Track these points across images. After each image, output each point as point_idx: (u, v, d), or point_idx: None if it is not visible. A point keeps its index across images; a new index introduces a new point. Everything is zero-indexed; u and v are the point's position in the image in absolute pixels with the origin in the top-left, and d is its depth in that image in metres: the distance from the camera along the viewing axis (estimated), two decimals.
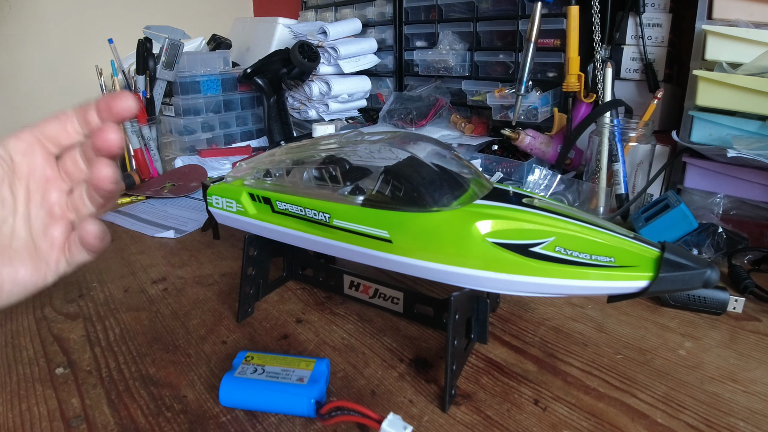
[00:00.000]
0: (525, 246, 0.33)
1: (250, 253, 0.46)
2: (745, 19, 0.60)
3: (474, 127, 0.94)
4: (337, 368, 0.40)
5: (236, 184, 0.45)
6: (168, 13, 1.51)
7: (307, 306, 0.50)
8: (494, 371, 0.40)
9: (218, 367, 0.40)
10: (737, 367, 0.39)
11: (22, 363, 0.41)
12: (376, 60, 1.15)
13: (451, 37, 0.98)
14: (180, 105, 1.02)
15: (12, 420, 0.35)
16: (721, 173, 0.63)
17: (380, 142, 0.41)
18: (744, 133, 0.59)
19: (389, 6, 1.10)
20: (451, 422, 0.34)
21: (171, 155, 1.06)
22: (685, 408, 0.35)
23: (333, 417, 0.33)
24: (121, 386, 0.38)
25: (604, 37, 0.74)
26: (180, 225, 0.72)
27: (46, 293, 0.53)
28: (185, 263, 0.60)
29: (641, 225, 0.58)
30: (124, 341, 0.44)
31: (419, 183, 0.36)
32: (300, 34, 1.15)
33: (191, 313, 0.49)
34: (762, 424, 0.34)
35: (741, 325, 0.45)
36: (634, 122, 0.68)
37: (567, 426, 0.34)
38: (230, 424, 0.34)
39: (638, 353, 0.41)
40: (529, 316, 0.47)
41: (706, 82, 0.59)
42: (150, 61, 0.95)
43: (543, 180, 0.72)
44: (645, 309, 0.48)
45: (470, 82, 0.97)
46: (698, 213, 0.59)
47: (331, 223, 0.39)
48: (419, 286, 0.51)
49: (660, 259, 0.31)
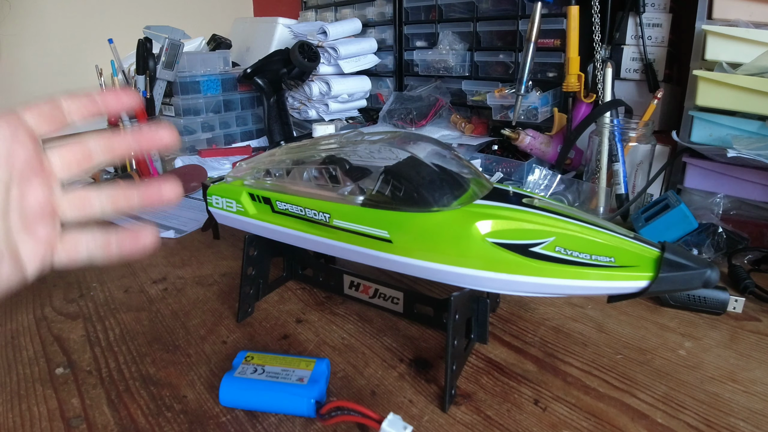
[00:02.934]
0: (525, 246, 0.33)
1: (250, 253, 0.46)
2: (745, 19, 0.60)
3: (474, 127, 0.94)
4: (337, 368, 0.40)
5: (236, 184, 0.45)
6: (168, 13, 1.51)
7: (307, 306, 0.50)
8: (494, 371, 0.40)
9: (218, 367, 0.40)
10: (737, 367, 0.39)
11: (22, 363, 0.41)
12: (376, 60, 1.15)
13: (451, 37, 0.98)
14: (180, 105, 1.02)
15: (12, 420, 0.35)
16: (721, 173, 0.63)
17: (380, 142, 0.41)
18: (744, 133, 0.59)
19: (389, 6, 1.10)
20: (451, 422, 0.34)
21: (171, 155, 1.06)
22: (685, 408, 0.35)
23: (333, 417, 0.33)
24: (121, 386, 0.38)
25: (604, 37, 0.74)
26: (180, 225, 0.72)
27: (46, 293, 0.53)
28: (185, 263, 0.60)
29: (641, 225, 0.58)
30: (124, 341, 0.44)
31: (419, 183, 0.36)
32: (300, 34, 1.15)
33: (191, 313, 0.49)
34: (762, 424, 0.34)
35: (741, 325, 0.45)
36: (634, 122, 0.68)
37: (567, 426, 0.34)
38: (230, 424, 0.34)
39: (638, 353, 0.41)
40: (529, 316, 0.47)
41: (706, 82, 0.59)
42: (150, 61, 0.95)
43: (543, 180, 0.72)
44: (645, 309, 0.48)
45: (470, 82, 0.97)
46: (698, 213, 0.59)
47: (331, 223, 0.39)
48: (419, 286, 0.51)
49: (660, 259, 0.31)
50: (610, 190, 0.69)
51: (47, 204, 0.27)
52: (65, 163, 0.28)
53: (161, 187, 0.29)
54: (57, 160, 0.28)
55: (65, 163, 0.28)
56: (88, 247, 0.29)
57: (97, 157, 0.29)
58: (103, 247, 0.29)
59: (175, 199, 0.30)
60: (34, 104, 0.27)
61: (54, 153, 0.28)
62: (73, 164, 0.28)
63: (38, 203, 0.27)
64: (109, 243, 0.29)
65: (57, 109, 0.28)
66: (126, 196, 0.29)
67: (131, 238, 0.29)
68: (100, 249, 0.29)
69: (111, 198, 0.29)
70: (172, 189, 0.30)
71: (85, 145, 0.29)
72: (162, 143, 0.29)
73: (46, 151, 0.28)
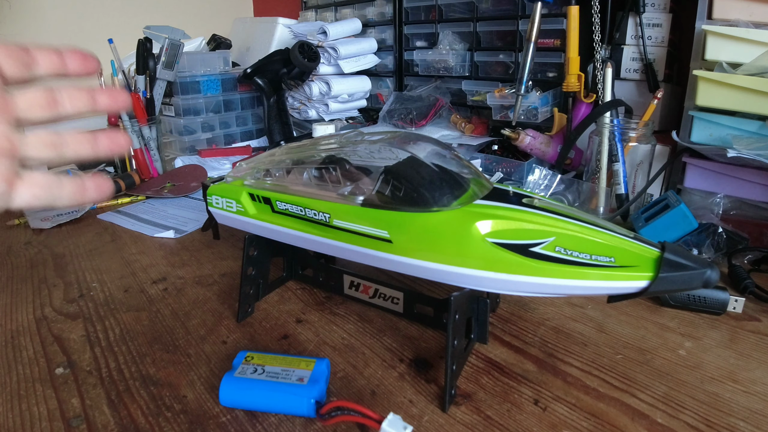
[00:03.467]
0: (525, 246, 0.33)
1: (250, 253, 0.46)
2: (745, 19, 0.60)
3: (474, 127, 0.94)
4: (337, 368, 0.40)
5: (236, 184, 0.45)
6: (168, 13, 1.51)
7: (307, 306, 0.50)
8: (494, 371, 0.40)
9: (218, 367, 0.40)
10: (737, 367, 0.39)
11: (22, 363, 0.41)
12: (376, 60, 1.15)
13: (451, 37, 0.98)
14: (180, 105, 1.02)
15: (12, 420, 0.35)
16: (721, 173, 0.63)
17: (380, 142, 0.41)
18: (744, 133, 0.59)
19: (389, 6, 1.10)
20: (451, 422, 0.34)
21: (171, 155, 1.06)
22: (685, 408, 0.35)
23: (333, 417, 0.33)
24: (121, 386, 0.38)
25: (604, 37, 0.74)
26: (180, 225, 0.72)
27: (46, 293, 0.53)
28: (185, 263, 0.60)
29: (641, 225, 0.58)
30: (124, 341, 0.44)
31: (419, 183, 0.36)
32: (300, 34, 1.15)
33: (191, 313, 0.49)
34: (762, 424, 0.34)
35: (741, 325, 0.45)
36: (634, 122, 0.68)
37: (567, 426, 0.34)
38: (230, 424, 0.34)
39: (638, 353, 0.41)
40: (529, 316, 0.47)
41: (706, 82, 0.59)
42: (150, 61, 0.95)
43: (543, 180, 0.72)
44: (645, 309, 0.48)
45: (470, 82, 0.97)
46: (698, 213, 0.59)
47: (331, 223, 0.39)
48: (419, 286, 0.51)
49: (660, 259, 0.31)
50: (610, 190, 0.69)
51: (5, 140, 0.27)
52: (29, 104, 0.28)
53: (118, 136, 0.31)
54: (21, 100, 0.28)
55: (29, 104, 0.28)
56: (53, 190, 0.29)
57: (64, 107, 0.29)
58: (75, 192, 0.30)
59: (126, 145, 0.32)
60: (4, 43, 0.28)
61: (20, 96, 0.28)
62: (37, 107, 0.28)
63: None
64: (82, 187, 0.30)
65: (25, 53, 0.28)
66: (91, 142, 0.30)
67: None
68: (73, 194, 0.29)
69: (74, 143, 0.30)
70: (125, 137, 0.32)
71: (53, 92, 0.29)
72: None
73: (10, 91, 0.28)
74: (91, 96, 0.31)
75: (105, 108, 0.31)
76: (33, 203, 0.28)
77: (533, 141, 0.80)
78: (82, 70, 0.30)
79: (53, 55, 0.29)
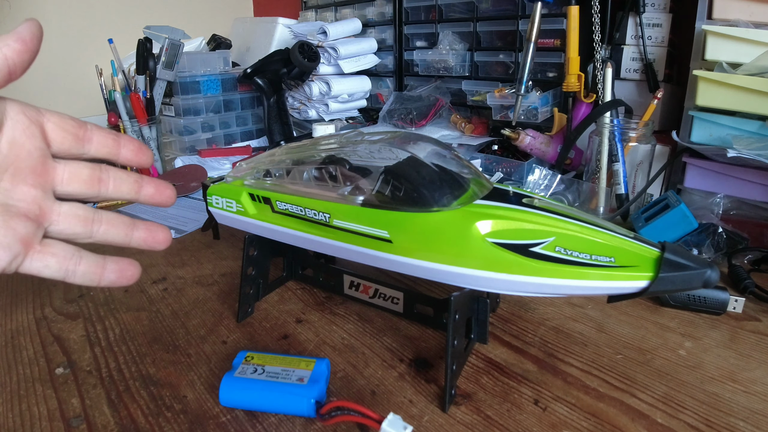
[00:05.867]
0: (525, 246, 0.33)
1: (250, 253, 0.46)
2: (745, 19, 0.60)
3: (474, 127, 0.94)
4: (337, 368, 0.40)
5: (236, 184, 0.45)
6: (168, 13, 1.51)
7: (307, 306, 0.50)
8: (494, 371, 0.40)
9: (218, 367, 0.40)
10: (737, 367, 0.39)
11: (22, 363, 0.41)
12: (376, 60, 1.15)
13: (451, 37, 0.98)
14: (180, 105, 1.02)
15: (12, 420, 0.35)
16: (721, 173, 0.63)
17: (380, 142, 0.41)
18: (744, 133, 0.59)
19: (389, 6, 1.10)
20: (451, 422, 0.34)
21: (171, 155, 1.06)
22: (685, 408, 0.35)
23: (333, 417, 0.33)
24: (121, 386, 0.38)
25: (604, 37, 0.74)
26: (180, 225, 0.72)
27: (46, 293, 0.53)
28: (185, 263, 0.60)
29: (641, 225, 0.58)
30: (124, 341, 0.44)
31: (419, 183, 0.36)
32: (300, 34, 1.15)
33: (191, 313, 0.49)
34: (762, 424, 0.34)
35: (741, 325, 0.45)
36: (634, 122, 0.68)
37: (567, 426, 0.34)
38: (230, 424, 0.34)
39: (638, 353, 0.41)
40: (529, 316, 0.47)
41: (706, 82, 0.59)
42: (150, 61, 0.95)
43: (543, 180, 0.72)
44: (645, 309, 0.48)
45: (470, 82, 0.97)
46: (698, 213, 0.59)
47: (331, 223, 0.39)
48: (419, 286, 0.51)
49: (660, 259, 0.31)
50: (610, 190, 0.69)
51: (35, 205, 0.26)
52: (71, 176, 0.28)
53: (158, 231, 0.30)
54: (65, 170, 0.28)
55: (71, 176, 0.28)
56: (68, 264, 0.27)
57: (106, 188, 0.29)
58: (92, 271, 0.28)
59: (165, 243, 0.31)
60: (63, 114, 0.27)
61: (63, 166, 0.28)
62: (80, 181, 0.28)
63: (25, 201, 0.26)
64: (102, 268, 0.28)
65: (81, 129, 0.28)
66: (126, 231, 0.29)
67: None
68: (88, 274, 0.28)
69: (109, 225, 0.29)
70: (164, 233, 0.31)
71: (101, 170, 0.29)
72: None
73: (55, 161, 0.28)
74: (138, 184, 0.30)
75: (147, 200, 0.30)
76: (42, 273, 0.27)
77: (533, 141, 0.80)
78: (134, 161, 0.30)
79: (110, 139, 0.29)
